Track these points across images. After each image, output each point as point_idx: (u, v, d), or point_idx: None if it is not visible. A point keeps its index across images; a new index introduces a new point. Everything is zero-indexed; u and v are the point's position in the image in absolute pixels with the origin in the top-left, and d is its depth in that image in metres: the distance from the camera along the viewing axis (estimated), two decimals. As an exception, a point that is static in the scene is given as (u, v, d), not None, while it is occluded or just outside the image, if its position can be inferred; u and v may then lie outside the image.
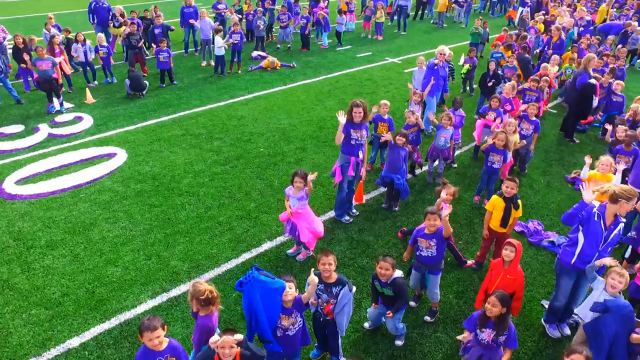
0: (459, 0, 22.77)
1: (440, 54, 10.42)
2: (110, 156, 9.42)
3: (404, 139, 7.68)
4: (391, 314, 5.25)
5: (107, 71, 13.40)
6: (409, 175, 8.88)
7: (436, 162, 9.03)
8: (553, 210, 8.43)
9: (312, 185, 6.54)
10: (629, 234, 6.56)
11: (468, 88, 13.69)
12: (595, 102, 10.52)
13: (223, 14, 17.17)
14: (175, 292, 6.15)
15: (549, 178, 9.46)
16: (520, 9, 20.40)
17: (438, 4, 21.93)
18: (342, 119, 6.93)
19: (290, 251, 6.95)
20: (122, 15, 15.55)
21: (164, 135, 10.32)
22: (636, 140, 7.98)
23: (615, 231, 5.15)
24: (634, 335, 4.64)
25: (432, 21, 23.06)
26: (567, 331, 5.88)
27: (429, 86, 10.26)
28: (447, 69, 11.10)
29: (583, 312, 5.10)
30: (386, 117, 8.83)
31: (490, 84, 11.47)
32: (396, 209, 8.12)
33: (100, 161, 9.24)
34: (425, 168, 9.31)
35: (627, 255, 6.73)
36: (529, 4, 21.09)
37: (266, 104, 12.29)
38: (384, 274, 5.06)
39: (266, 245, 7.12)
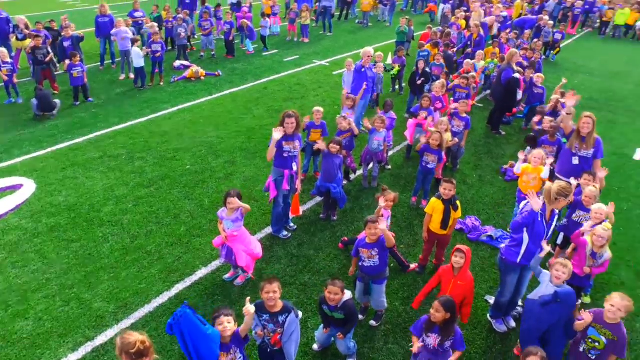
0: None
1: (368, 56, 10.31)
2: (15, 188, 8.42)
3: (338, 147, 7.44)
4: (342, 336, 5.03)
5: (10, 90, 12.14)
6: (344, 182, 8.67)
7: (370, 166, 8.88)
8: (488, 204, 8.53)
9: (244, 201, 6.12)
10: (560, 221, 6.72)
11: (397, 87, 13.74)
12: (519, 96, 10.85)
13: (141, 22, 16.22)
14: (101, 339, 5.51)
15: (481, 172, 9.59)
16: (442, 5, 20.92)
17: (362, 4, 22.01)
18: (277, 135, 6.55)
19: (227, 276, 6.51)
20: (27, 27, 14.23)
21: (79, 159, 9.44)
22: (560, 131, 8.21)
23: (554, 224, 5.32)
24: (578, 323, 4.70)
25: (357, 21, 23.15)
26: (513, 324, 5.96)
27: (361, 91, 10.10)
28: (374, 70, 11.03)
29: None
30: (319, 122, 8.57)
31: (419, 82, 11.53)
32: (334, 218, 7.88)
33: (3, 195, 8.22)
34: (359, 172, 9.14)
35: (559, 241, 6.90)
36: (450, 1, 21.67)
37: (191, 116, 11.66)
38: (334, 299, 4.80)
39: (201, 273, 6.62)
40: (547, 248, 5.18)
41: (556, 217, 5.28)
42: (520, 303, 5.99)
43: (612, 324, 4.54)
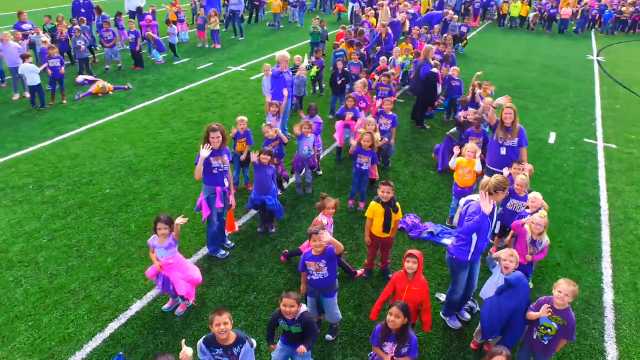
0: (291, 1, 22.88)
1: (285, 60, 10.05)
2: None
3: (269, 157, 7.13)
4: (304, 349, 4.74)
5: None
6: (279, 192, 8.37)
7: (303, 172, 8.66)
8: (424, 199, 8.62)
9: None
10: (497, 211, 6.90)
11: (318, 88, 13.62)
12: (439, 89, 11.14)
13: (31, 35, 14.72)
14: (26, 401, 4.82)
15: (412, 168, 9.71)
16: (351, 4, 21.18)
17: (272, 6, 21.72)
18: (204, 152, 6.11)
19: (166, 307, 5.99)
20: None
21: (-24, 195, 8.33)
22: (484, 122, 8.48)
23: (496, 216, 5.38)
24: (531, 313, 4.81)
25: (267, 24, 22.81)
26: (468, 316, 6.05)
27: (285, 98, 9.82)
28: (298, 73, 10.85)
29: (487, 296, 5.25)
30: (243, 132, 8.22)
31: (340, 82, 11.48)
32: (273, 230, 7.57)
33: None
34: (292, 180, 8.88)
35: (497, 230, 7.08)
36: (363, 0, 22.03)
37: (104, 135, 10.72)
38: (290, 312, 4.56)
39: (136, 307, 6.03)
40: (502, 255, 5.19)
41: (496, 209, 5.35)
42: (480, 296, 6.06)
43: (562, 309, 4.67)
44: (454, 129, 9.51)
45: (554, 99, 14.37)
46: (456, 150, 7.41)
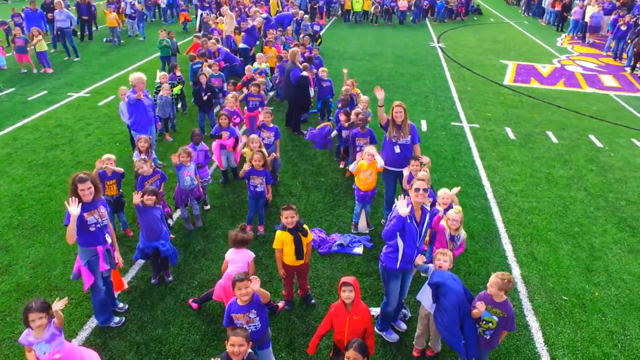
0: (128, 12, 20.84)
1: (142, 83, 8.86)
2: None
3: (154, 197, 6.12)
4: None
5: None
6: (171, 235, 7.33)
7: (188, 205, 7.72)
8: (323, 210, 8.26)
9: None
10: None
11: (180, 106, 12.43)
12: (311, 92, 10.86)
13: None
14: None
15: (302, 178, 9.29)
16: (200, 12, 19.99)
17: (107, 19, 19.48)
18: (74, 209, 4.92)
19: (57, 410, 4.74)
20: None
21: None
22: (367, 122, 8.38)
23: (426, 223, 5.18)
24: (474, 311, 4.76)
25: (104, 39, 20.35)
26: (403, 326, 5.88)
27: (154, 127, 8.71)
28: (162, 93, 9.79)
29: (425, 302, 5.20)
30: (111, 173, 7.06)
31: (206, 97, 10.57)
32: (170, 279, 6.58)
33: None
34: (177, 215, 7.89)
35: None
36: (208, 6, 20.88)
37: None
38: (240, 352, 4.01)
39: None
40: (419, 261, 5.14)
41: (427, 215, 5.17)
42: (418, 298, 5.82)
43: (500, 301, 4.71)
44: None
45: (414, 87, 15.08)
46: (358, 156, 7.19)
